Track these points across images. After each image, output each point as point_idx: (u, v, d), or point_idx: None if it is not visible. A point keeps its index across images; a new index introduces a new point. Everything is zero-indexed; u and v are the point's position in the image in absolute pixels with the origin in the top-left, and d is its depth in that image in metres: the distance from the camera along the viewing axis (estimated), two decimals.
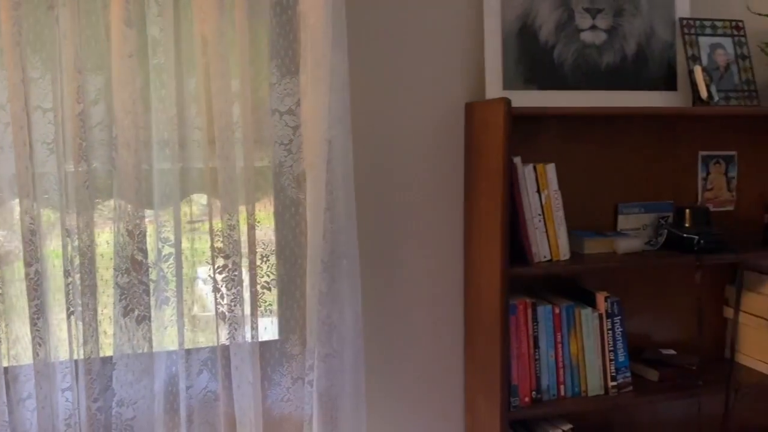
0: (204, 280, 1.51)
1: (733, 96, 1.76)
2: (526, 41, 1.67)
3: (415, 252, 1.74)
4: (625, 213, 1.84)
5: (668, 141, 1.86)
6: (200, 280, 1.51)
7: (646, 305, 1.90)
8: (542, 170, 1.60)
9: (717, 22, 1.78)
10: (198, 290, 1.50)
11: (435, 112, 1.71)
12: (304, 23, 1.44)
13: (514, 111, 1.50)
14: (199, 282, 1.51)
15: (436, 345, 1.78)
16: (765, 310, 1.82)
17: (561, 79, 1.69)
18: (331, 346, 1.55)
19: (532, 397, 1.63)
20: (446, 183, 1.74)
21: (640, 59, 1.75)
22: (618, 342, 1.69)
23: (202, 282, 1.52)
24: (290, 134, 1.47)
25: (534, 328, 1.63)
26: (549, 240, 1.61)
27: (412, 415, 1.78)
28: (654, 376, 1.76)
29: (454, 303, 1.78)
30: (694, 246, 1.68)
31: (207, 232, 1.46)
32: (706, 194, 1.91)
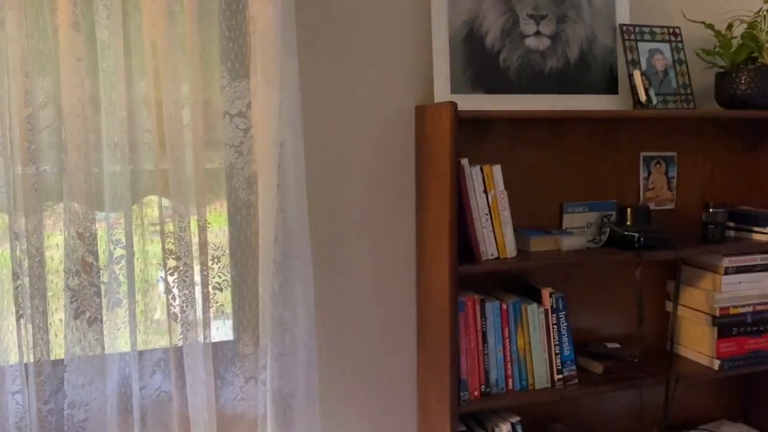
0: (156, 282, 1.52)
1: (671, 99, 1.84)
2: (472, 46, 1.72)
3: (368, 252, 1.77)
4: (570, 212, 1.91)
5: (611, 143, 1.94)
6: (152, 281, 1.52)
7: (591, 301, 1.98)
8: (489, 171, 1.65)
9: (655, 28, 1.86)
10: (150, 292, 1.51)
11: (386, 115, 1.75)
12: (253, 27, 1.47)
13: (460, 114, 1.55)
14: (151, 284, 1.52)
15: (389, 343, 1.82)
16: (702, 304, 1.91)
17: (507, 84, 1.75)
18: (284, 345, 1.58)
19: (481, 390, 1.68)
20: (398, 184, 1.78)
21: (583, 64, 1.81)
22: (563, 336, 1.76)
23: (154, 284, 1.53)
24: (241, 136, 1.49)
25: (482, 323, 1.68)
26: (496, 238, 1.67)
27: (365, 412, 1.82)
28: (599, 368, 1.83)
29: (407, 301, 1.82)
30: (634, 243, 1.76)
31: (158, 234, 1.47)
32: (647, 193, 1.99)
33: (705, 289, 1.91)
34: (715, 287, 1.89)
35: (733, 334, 1.89)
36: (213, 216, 1.52)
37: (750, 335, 1.91)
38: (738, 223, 1.95)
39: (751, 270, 1.91)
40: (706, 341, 1.90)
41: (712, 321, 1.87)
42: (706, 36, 1.91)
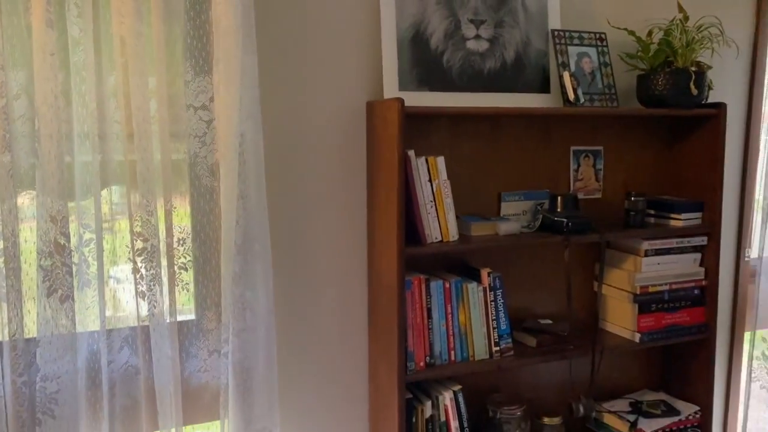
0: (124, 263, 1.63)
1: (596, 98, 2.04)
2: (418, 48, 1.87)
3: (324, 236, 1.91)
4: (508, 200, 2.09)
5: (544, 137, 2.13)
6: (120, 262, 1.63)
7: (527, 281, 2.16)
8: (433, 162, 1.81)
9: (584, 33, 2.05)
10: (119, 271, 1.62)
11: (340, 110, 1.89)
12: (216, 27, 1.58)
13: (407, 110, 1.71)
14: (119, 264, 1.62)
15: (343, 320, 1.96)
16: (625, 283, 2.12)
17: (450, 82, 1.91)
18: (245, 321, 1.70)
19: (426, 362, 1.84)
20: (351, 173, 1.92)
21: (518, 65, 1.99)
22: (500, 312, 1.93)
23: (123, 264, 1.63)
24: (204, 128, 1.61)
25: (427, 301, 1.84)
26: (440, 223, 1.82)
27: (321, 383, 1.96)
28: (532, 342, 2.02)
29: (359, 281, 1.97)
30: (563, 228, 1.95)
31: (127, 217, 1.58)
32: (577, 184, 2.19)
33: (627, 270, 2.12)
34: (636, 268, 2.10)
35: (652, 310, 2.10)
36: (178, 201, 1.63)
37: (667, 311, 2.13)
38: (657, 210, 2.17)
39: (668, 252, 2.12)
40: (629, 317, 2.11)
41: (633, 298, 2.08)
42: (629, 41, 2.11)
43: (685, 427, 2.19)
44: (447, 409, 1.88)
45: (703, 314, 2.17)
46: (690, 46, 2.00)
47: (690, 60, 2.02)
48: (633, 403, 2.25)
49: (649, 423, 2.14)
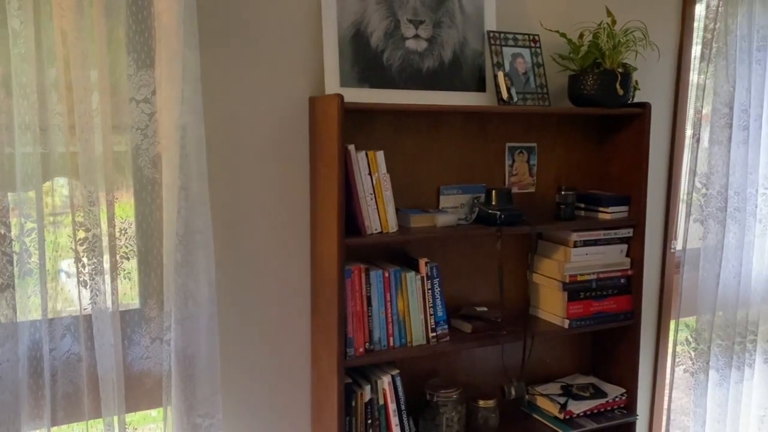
0: (67, 252, 1.65)
1: (529, 97, 2.15)
2: (359, 46, 1.95)
3: (267, 228, 1.97)
4: (446, 194, 2.18)
5: (481, 134, 2.23)
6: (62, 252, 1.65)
7: (465, 270, 2.26)
8: (373, 156, 1.88)
9: (518, 35, 2.16)
10: (62, 261, 1.64)
11: (283, 104, 1.94)
12: (158, 22, 1.62)
13: (346, 105, 1.78)
14: (60, 254, 1.64)
15: (287, 308, 2.03)
16: (555, 272, 2.24)
17: (389, 80, 1.99)
18: (187, 310, 1.75)
19: (365, 347, 1.92)
20: (294, 166, 1.98)
21: (456, 64, 2.08)
22: (437, 300, 2.02)
23: (66, 254, 1.66)
24: (146, 120, 1.65)
25: (367, 289, 1.92)
26: (380, 215, 1.90)
27: (264, 370, 2.02)
28: (468, 328, 2.12)
29: (303, 271, 2.03)
30: (496, 220, 2.05)
31: (69, 208, 1.60)
32: (512, 178, 2.30)
33: (558, 260, 2.24)
34: (566, 258, 2.22)
35: (580, 297, 2.23)
36: (121, 192, 1.67)
37: (595, 299, 2.26)
38: (587, 204, 2.30)
39: (595, 243, 2.25)
40: (559, 304, 2.23)
41: (562, 287, 2.20)
42: (562, 43, 2.22)
43: (612, 409, 2.33)
44: (385, 392, 1.96)
45: (629, 302, 2.31)
46: (616, 48, 2.13)
47: (617, 62, 2.15)
48: (564, 386, 2.38)
49: (578, 405, 2.27)
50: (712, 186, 2.53)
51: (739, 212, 2.58)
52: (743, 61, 2.48)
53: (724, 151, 2.51)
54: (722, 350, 2.68)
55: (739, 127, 2.51)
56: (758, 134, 2.58)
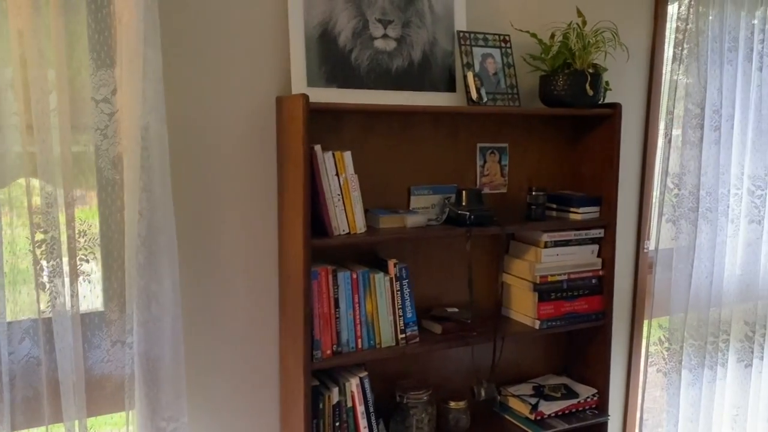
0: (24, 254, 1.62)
1: (499, 97, 2.14)
2: (326, 45, 1.93)
3: (234, 229, 1.95)
4: (417, 194, 2.17)
5: (452, 134, 2.22)
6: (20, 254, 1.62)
7: (437, 271, 2.25)
8: (340, 157, 1.87)
9: (488, 35, 2.15)
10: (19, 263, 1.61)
11: (250, 104, 1.92)
12: (119, 21, 1.60)
13: (313, 105, 1.76)
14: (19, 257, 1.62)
15: (255, 310, 2.01)
16: (527, 273, 2.24)
17: (358, 80, 1.98)
18: (150, 313, 1.72)
19: (333, 350, 1.90)
20: (261, 167, 1.96)
21: (425, 64, 2.07)
22: (406, 301, 2.01)
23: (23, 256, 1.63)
24: (106, 120, 1.62)
25: (335, 291, 1.90)
26: (347, 216, 1.89)
27: (232, 372, 2.00)
28: (438, 329, 2.11)
29: (271, 273, 2.01)
30: (466, 221, 2.04)
31: (27, 210, 1.58)
32: (483, 179, 2.29)
33: (529, 260, 2.24)
34: (536, 259, 2.22)
35: (551, 298, 2.23)
36: (81, 193, 1.64)
37: (566, 299, 2.26)
38: (558, 204, 2.30)
39: (566, 244, 2.25)
40: (530, 305, 2.23)
41: (533, 287, 2.20)
42: (533, 43, 2.22)
43: (583, 409, 2.33)
44: (354, 395, 1.95)
45: (600, 302, 2.31)
46: (586, 49, 2.13)
47: (587, 62, 2.14)
48: (536, 386, 2.38)
49: (549, 405, 2.26)
50: (684, 186, 2.54)
51: (711, 212, 2.59)
52: (715, 62, 2.49)
53: (695, 151, 2.52)
54: (695, 350, 2.69)
55: (710, 127, 2.52)
56: (730, 135, 2.59)
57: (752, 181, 2.71)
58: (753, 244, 2.75)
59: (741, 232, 2.75)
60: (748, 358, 2.84)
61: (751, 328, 2.82)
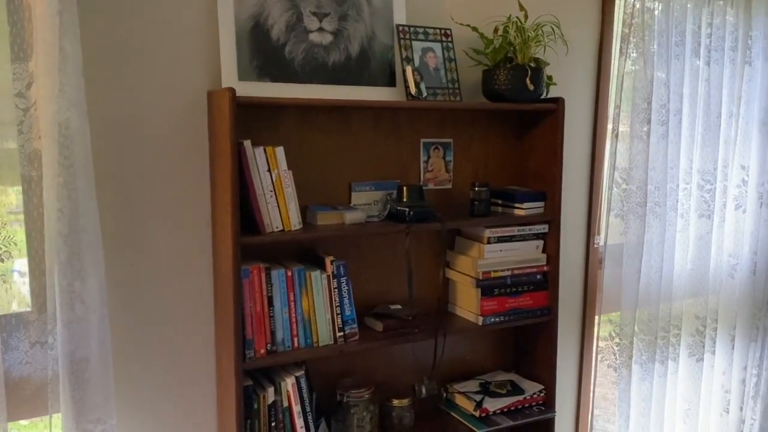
0: None
1: (440, 92, 2.12)
2: (259, 38, 1.89)
3: (166, 226, 1.90)
4: (358, 190, 2.14)
5: (394, 130, 2.19)
6: None
7: (382, 268, 2.22)
8: (272, 152, 1.83)
9: (429, 29, 2.12)
10: None
11: (180, 99, 1.87)
12: (33, 13, 1.55)
13: (242, 100, 1.73)
14: None
15: (189, 309, 1.96)
16: (470, 269, 2.22)
17: (292, 74, 1.94)
18: (74, 313, 1.68)
19: (267, 349, 1.87)
20: (193, 163, 1.92)
21: (364, 58, 2.04)
22: (344, 299, 1.98)
23: None
24: (21, 115, 1.57)
25: (268, 289, 1.87)
26: (281, 213, 1.85)
27: (166, 373, 1.96)
28: (379, 327, 2.08)
29: (205, 271, 1.97)
30: (405, 217, 2.02)
31: None
32: (427, 175, 2.27)
33: (472, 256, 2.22)
34: (479, 255, 2.20)
35: (495, 294, 2.21)
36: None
37: (510, 295, 2.24)
38: (503, 200, 2.28)
39: (510, 240, 2.23)
40: (473, 301, 2.21)
41: (476, 283, 2.18)
42: (477, 37, 2.20)
43: (529, 405, 2.32)
44: (289, 394, 1.92)
45: (546, 298, 2.30)
46: (527, 43, 2.11)
47: (528, 56, 2.13)
48: (482, 383, 2.37)
49: (494, 402, 2.25)
50: (632, 181, 2.54)
51: (659, 207, 2.59)
52: (661, 56, 2.49)
53: (643, 146, 2.52)
54: (645, 345, 2.69)
55: (658, 122, 2.52)
56: (678, 129, 2.59)
57: (701, 176, 2.71)
58: (703, 239, 2.76)
59: (691, 226, 2.75)
60: (700, 352, 2.85)
61: (702, 322, 2.83)
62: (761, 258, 2.92)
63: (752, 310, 2.95)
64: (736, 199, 2.84)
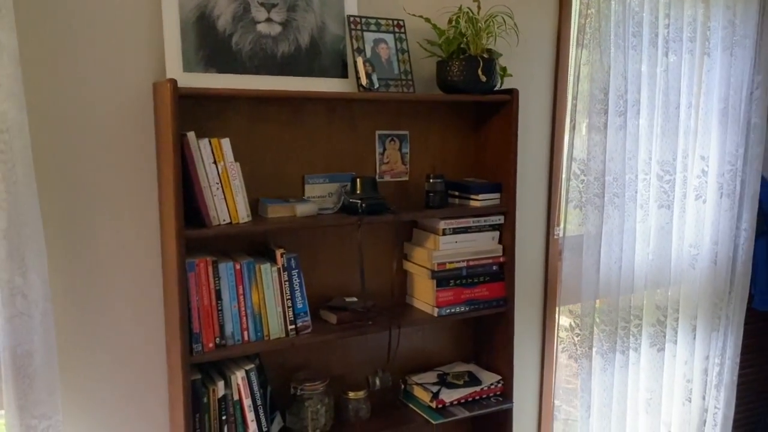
0: None
1: (392, 84, 2.11)
2: (204, 29, 1.87)
3: (113, 219, 1.88)
4: (312, 183, 2.13)
5: (348, 122, 2.18)
6: None
7: (338, 261, 2.21)
8: (217, 144, 1.82)
9: (381, 20, 2.11)
10: None
11: (125, 90, 1.85)
12: None
13: (184, 90, 1.71)
14: None
15: (138, 305, 1.94)
16: (426, 261, 2.21)
17: (240, 65, 1.92)
18: (16, 308, 1.66)
19: (216, 342, 1.86)
20: (140, 156, 1.90)
21: (314, 50, 2.03)
22: (296, 291, 1.97)
23: None
24: None
25: (216, 282, 1.86)
26: (228, 205, 1.84)
27: (116, 366, 1.94)
28: (333, 319, 2.08)
29: (154, 265, 1.95)
30: (358, 209, 2.01)
31: None
32: (383, 167, 2.26)
33: (428, 248, 2.22)
34: (435, 246, 2.20)
35: (450, 285, 2.21)
36: None
37: (466, 286, 2.24)
38: (460, 192, 2.28)
39: (466, 231, 2.23)
40: (429, 292, 2.21)
41: (431, 275, 2.18)
42: (431, 28, 2.19)
43: (487, 396, 2.33)
44: (240, 388, 1.91)
45: (502, 289, 2.30)
46: (479, 34, 2.10)
47: (480, 47, 2.12)
48: (440, 374, 2.37)
49: (450, 393, 2.25)
50: (590, 172, 2.54)
51: (618, 198, 2.60)
52: (619, 47, 2.49)
53: (600, 137, 2.52)
54: (606, 335, 2.70)
55: (615, 113, 2.53)
56: (636, 120, 2.60)
57: (661, 167, 2.73)
58: (664, 229, 2.77)
59: (651, 217, 2.77)
60: (661, 342, 2.87)
61: (663, 312, 2.85)
62: (722, 248, 2.94)
63: (713, 300, 2.98)
64: (696, 189, 2.86)
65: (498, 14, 2.15)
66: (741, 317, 3.10)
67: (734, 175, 2.89)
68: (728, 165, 2.88)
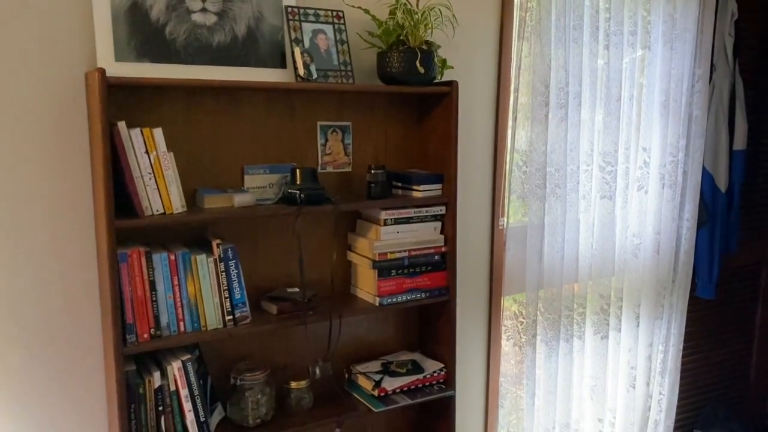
0: None
1: (331, 74, 2.11)
2: (136, 18, 1.85)
3: (44, 212, 1.86)
4: (251, 174, 2.13)
5: (288, 112, 2.18)
6: None
7: (279, 252, 2.22)
8: (149, 134, 1.80)
9: (320, 11, 2.11)
10: None
11: (57, 81, 1.83)
12: None
13: (113, 80, 1.70)
14: None
15: (72, 297, 1.93)
16: (368, 251, 2.23)
17: (174, 54, 1.91)
18: None
19: (151, 333, 1.85)
20: (72, 146, 1.88)
21: (251, 40, 2.02)
22: (233, 282, 1.97)
23: None
24: None
25: (150, 273, 1.85)
26: (161, 195, 1.83)
27: (49, 362, 1.92)
28: (274, 310, 2.08)
29: (88, 257, 1.94)
30: (297, 199, 2.02)
31: None
32: (325, 158, 2.27)
33: (370, 238, 2.23)
34: (377, 237, 2.21)
35: (392, 275, 2.23)
36: None
37: (407, 276, 2.26)
38: (403, 182, 2.30)
39: (408, 221, 2.26)
40: (371, 282, 2.23)
41: (372, 265, 2.20)
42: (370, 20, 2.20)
43: (430, 384, 2.36)
44: (176, 378, 1.91)
45: (444, 278, 2.33)
46: (416, 26, 2.12)
47: (419, 39, 2.14)
48: (384, 363, 2.39)
49: (392, 381, 2.28)
50: (532, 163, 2.58)
51: (560, 189, 2.64)
52: (560, 39, 2.53)
53: (542, 128, 2.56)
54: (550, 323, 2.75)
55: (557, 105, 2.57)
56: (577, 112, 2.65)
57: (603, 158, 2.78)
58: (606, 219, 2.83)
59: (594, 208, 2.82)
60: (604, 330, 2.93)
61: (606, 301, 2.91)
62: (664, 238, 3.01)
63: (657, 289, 3.05)
64: (638, 180, 2.93)
65: (435, 6, 2.17)
66: (684, 305, 3.18)
67: (676, 166, 2.96)
68: (670, 156, 2.95)
